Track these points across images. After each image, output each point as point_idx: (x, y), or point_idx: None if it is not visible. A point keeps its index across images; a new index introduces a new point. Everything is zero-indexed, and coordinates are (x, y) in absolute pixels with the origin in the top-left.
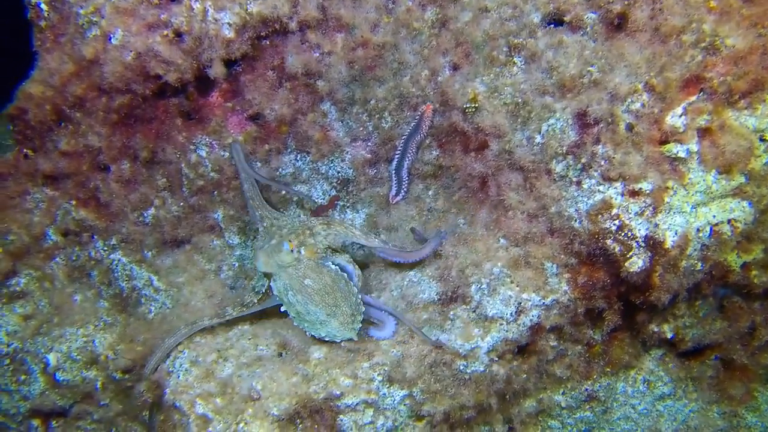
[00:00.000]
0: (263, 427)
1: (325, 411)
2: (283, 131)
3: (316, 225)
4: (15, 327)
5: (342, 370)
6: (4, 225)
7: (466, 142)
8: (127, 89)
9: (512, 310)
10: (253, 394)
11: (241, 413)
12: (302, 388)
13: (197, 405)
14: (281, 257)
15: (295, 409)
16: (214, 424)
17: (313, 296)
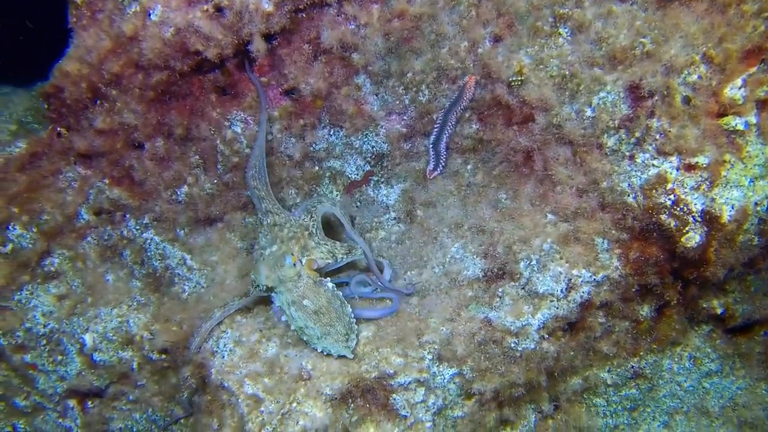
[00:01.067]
0: (316, 407)
1: (378, 390)
2: (318, 105)
3: (309, 223)
4: (50, 307)
5: (392, 349)
6: (38, 205)
7: (509, 116)
8: (165, 66)
9: (563, 286)
10: (303, 374)
11: (293, 393)
12: (353, 367)
13: (246, 385)
14: (284, 272)
15: (348, 388)
16: (265, 403)
17: (312, 315)
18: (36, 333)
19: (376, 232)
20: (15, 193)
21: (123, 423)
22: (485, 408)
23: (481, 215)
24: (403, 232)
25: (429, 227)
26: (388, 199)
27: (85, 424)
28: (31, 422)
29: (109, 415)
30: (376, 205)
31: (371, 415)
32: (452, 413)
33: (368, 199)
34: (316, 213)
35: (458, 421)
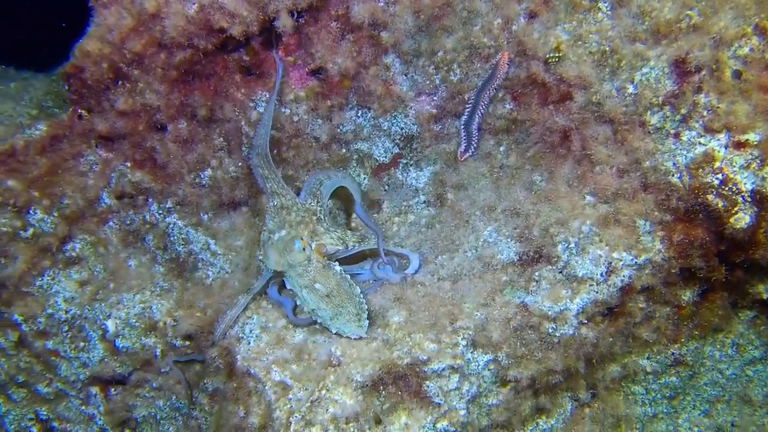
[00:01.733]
0: (347, 394)
1: (410, 377)
2: (346, 86)
3: (317, 208)
4: (72, 293)
5: (425, 334)
6: (59, 188)
7: (544, 95)
8: (188, 44)
9: (603, 270)
10: (333, 360)
11: (323, 379)
12: (385, 353)
13: (273, 371)
14: (293, 256)
15: (379, 375)
16: (294, 390)
17: (323, 298)
18: (58, 319)
19: (405, 216)
20: (35, 177)
21: (146, 410)
22: (521, 396)
23: (515, 198)
24: (433, 216)
25: (460, 210)
26: (418, 183)
27: (108, 411)
28: (54, 409)
29: (132, 402)
30: (405, 188)
31: (403, 403)
32: (487, 401)
33: (397, 182)
34: (322, 195)
35: (493, 409)
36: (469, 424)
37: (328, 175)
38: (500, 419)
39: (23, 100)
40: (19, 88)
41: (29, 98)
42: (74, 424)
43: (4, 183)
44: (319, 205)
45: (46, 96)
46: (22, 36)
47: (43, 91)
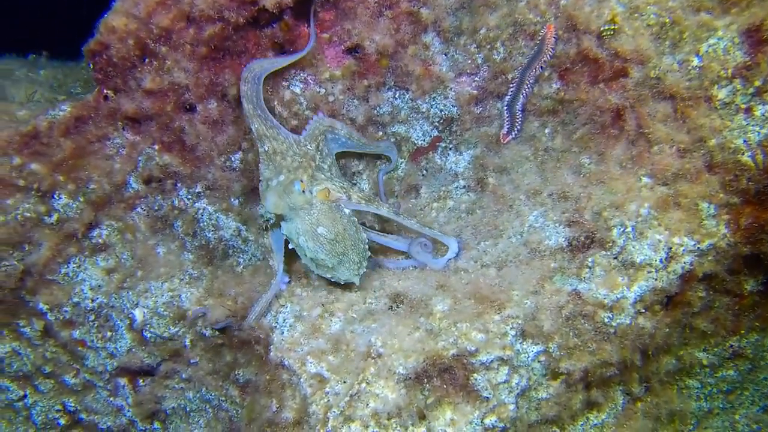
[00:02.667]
0: (388, 387)
1: (457, 369)
2: (383, 65)
3: (316, 154)
4: (99, 281)
5: (472, 323)
6: (85, 172)
7: (595, 72)
8: (218, 17)
9: (662, 256)
10: (372, 351)
11: (362, 372)
12: (429, 344)
13: (309, 363)
14: (293, 199)
15: (423, 367)
16: (331, 383)
17: (325, 245)
18: (84, 308)
19: (444, 202)
20: (60, 160)
21: (176, 402)
22: (572, 389)
23: (562, 181)
24: (474, 201)
25: (503, 195)
26: (457, 167)
27: (137, 403)
28: (81, 400)
29: (161, 393)
30: (444, 173)
31: (448, 397)
32: (536, 394)
33: (435, 166)
34: (323, 140)
35: (542, 403)
36: (518, 419)
37: (340, 134)
38: (550, 414)
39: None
40: (48, 75)
41: (57, 85)
42: (102, 416)
43: (28, 166)
44: (318, 152)
45: (75, 83)
46: (52, 25)
47: (72, 78)
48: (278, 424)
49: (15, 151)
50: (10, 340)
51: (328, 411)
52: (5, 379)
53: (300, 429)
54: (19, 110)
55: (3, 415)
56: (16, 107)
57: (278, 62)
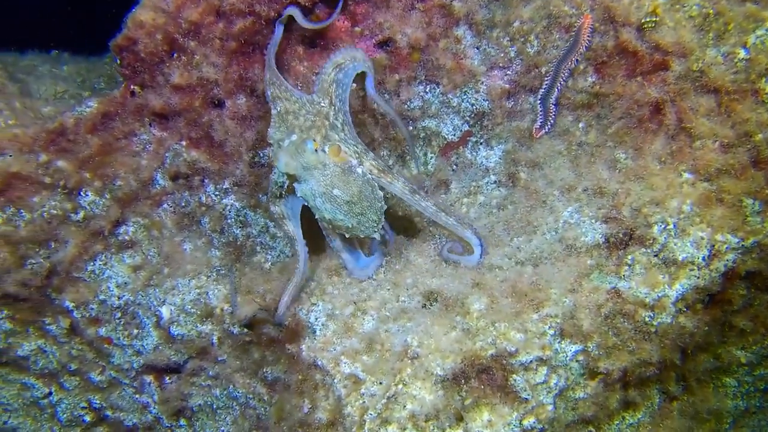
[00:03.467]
0: (425, 389)
1: (495, 370)
2: (415, 59)
3: (329, 110)
4: (125, 278)
5: (510, 323)
6: (112, 169)
7: (633, 65)
8: (249, 11)
9: (705, 253)
10: (409, 352)
11: (399, 373)
12: (467, 344)
13: (343, 363)
14: (305, 158)
15: (461, 368)
16: (367, 384)
17: (342, 206)
18: (110, 305)
19: (475, 197)
20: (86, 157)
21: (202, 399)
22: (610, 389)
23: (598, 176)
24: (505, 197)
25: (536, 190)
26: (488, 162)
27: (163, 401)
28: (107, 397)
29: (187, 391)
30: (475, 168)
31: (486, 398)
32: (573, 394)
33: (465, 161)
34: (336, 94)
35: (579, 403)
36: (555, 419)
37: (344, 66)
38: (587, 414)
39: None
40: (72, 71)
41: (81, 81)
42: (128, 413)
43: (54, 163)
44: (332, 107)
45: (98, 78)
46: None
47: (96, 74)
48: (311, 425)
49: (41, 148)
50: (35, 337)
51: (364, 413)
52: (30, 377)
53: (334, 430)
54: (44, 107)
55: (28, 413)
56: (41, 104)
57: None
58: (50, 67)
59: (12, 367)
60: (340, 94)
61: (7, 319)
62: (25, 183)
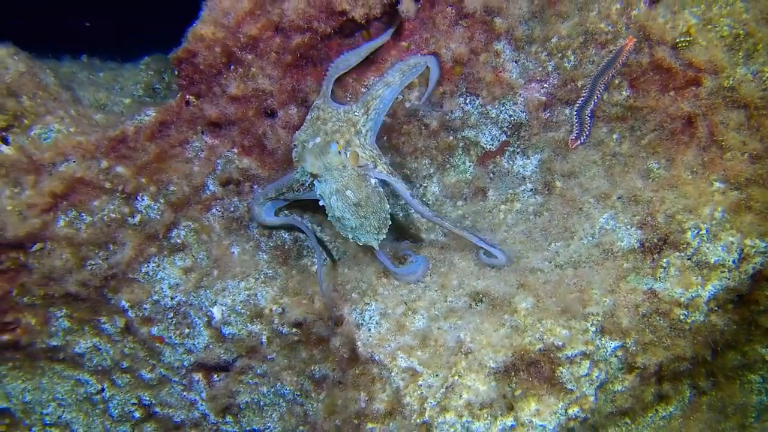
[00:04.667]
0: (479, 380)
1: (543, 363)
2: (457, 72)
3: (360, 119)
4: (177, 280)
5: (556, 320)
6: (166, 175)
7: (665, 81)
8: (307, 27)
9: (735, 257)
10: (463, 347)
11: (455, 365)
12: (516, 339)
13: (399, 357)
14: (329, 159)
15: (512, 361)
16: (424, 376)
17: (351, 206)
18: (163, 305)
19: (512, 204)
20: (144, 163)
21: (249, 397)
22: (645, 382)
23: (632, 185)
24: (541, 204)
25: (572, 198)
26: (525, 170)
27: (211, 398)
28: (156, 394)
29: (235, 388)
30: (511, 176)
31: (534, 389)
32: (612, 387)
33: (502, 170)
34: (372, 108)
35: (617, 395)
36: (596, 410)
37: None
38: (624, 406)
39: (114, 89)
40: (108, 78)
41: (119, 87)
42: (176, 410)
43: (114, 169)
44: (365, 116)
45: (135, 85)
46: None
47: (132, 81)
48: (368, 416)
49: (103, 154)
50: (91, 336)
51: (424, 402)
52: (85, 373)
53: (392, 419)
54: (95, 114)
55: (80, 408)
56: (92, 111)
57: (361, 52)
58: (88, 74)
59: (67, 363)
60: (381, 107)
61: (65, 317)
62: (87, 188)
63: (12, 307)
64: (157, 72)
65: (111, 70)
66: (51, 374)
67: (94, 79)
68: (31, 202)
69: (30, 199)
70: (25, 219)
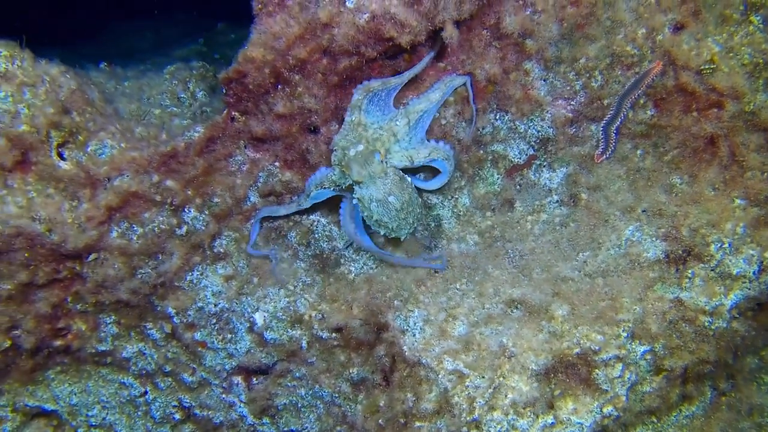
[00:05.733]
0: (522, 381)
1: (580, 366)
2: (490, 91)
3: (402, 129)
4: (219, 287)
5: (591, 326)
6: (211, 188)
7: (689, 102)
8: (355, 52)
9: (755, 268)
10: (506, 352)
11: (499, 368)
12: (555, 344)
13: (446, 361)
14: (373, 168)
15: (552, 364)
16: (471, 378)
17: (392, 211)
18: (207, 312)
19: (538, 215)
20: (191, 177)
21: (287, 399)
22: (672, 384)
23: (656, 199)
24: (567, 215)
25: (598, 210)
26: (551, 183)
27: (251, 400)
28: (197, 397)
29: (274, 390)
30: (538, 188)
31: (571, 389)
32: (641, 388)
33: (529, 182)
34: (414, 120)
35: (646, 396)
36: (627, 409)
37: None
38: (652, 405)
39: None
40: (133, 87)
41: (147, 97)
42: (215, 411)
43: (164, 183)
44: (407, 126)
45: (162, 95)
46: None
47: (157, 90)
48: (415, 415)
49: (154, 169)
50: (136, 341)
51: (473, 401)
52: (129, 377)
53: (440, 417)
54: (136, 127)
55: (124, 410)
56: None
57: (404, 78)
58: (115, 83)
59: (112, 367)
60: (424, 118)
61: (114, 323)
62: (139, 201)
63: (66, 313)
64: (181, 81)
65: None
66: (97, 377)
67: (122, 89)
68: (89, 215)
69: (88, 212)
70: (84, 231)
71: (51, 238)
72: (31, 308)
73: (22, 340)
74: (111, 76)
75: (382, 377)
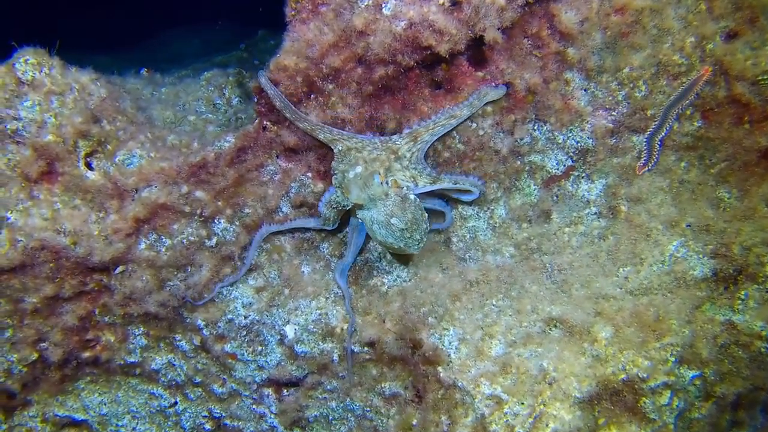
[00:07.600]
0: (565, 409)
1: (626, 393)
2: (529, 101)
3: (403, 147)
4: (250, 299)
5: (638, 351)
6: (242, 198)
7: (740, 114)
8: (392, 61)
9: None
10: (547, 377)
11: (540, 394)
12: (599, 369)
13: (483, 384)
14: (373, 190)
15: (596, 391)
16: (509, 404)
17: (395, 233)
18: (237, 324)
19: (576, 227)
20: (222, 188)
21: (318, 411)
22: (722, 410)
23: (702, 213)
24: (606, 228)
25: (639, 224)
26: (590, 194)
27: (281, 412)
28: (227, 408)
29: (305, 403)
30: (575, 199)
31: (615, 417)
32: (690, 415)
33: (566, 193)
34: (425, 137)
35: (694, 422)
36: None
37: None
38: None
39: (178, 106)
40: (170, 94)
41: (183, 104)
42: (245, 422)
43: (194, 194)
44: (411, 143)
45: (198, 101)
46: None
47: (194, 97)
48: None
49: (183, 179)
50: (165, 352)
51: (512, 430)
52: (159, 387)
53: None
54: (168, 135)
55: (153, 420)
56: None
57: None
58: (152, 90)
59: (142, 378)
60: (438, 132)
61: (143, 335)
62: (168, 212)
63: (94, 325)
64: (217, 87)
65: (171, 86)
66: (126, 388)
67: (158, 96)
68: (116, 227)
69: (115, 224)
70: (111, 244)
71: (76, 251)
72: (59, 321)
73: (49, 353)
74: (149, 83)
75: (415, 393)
